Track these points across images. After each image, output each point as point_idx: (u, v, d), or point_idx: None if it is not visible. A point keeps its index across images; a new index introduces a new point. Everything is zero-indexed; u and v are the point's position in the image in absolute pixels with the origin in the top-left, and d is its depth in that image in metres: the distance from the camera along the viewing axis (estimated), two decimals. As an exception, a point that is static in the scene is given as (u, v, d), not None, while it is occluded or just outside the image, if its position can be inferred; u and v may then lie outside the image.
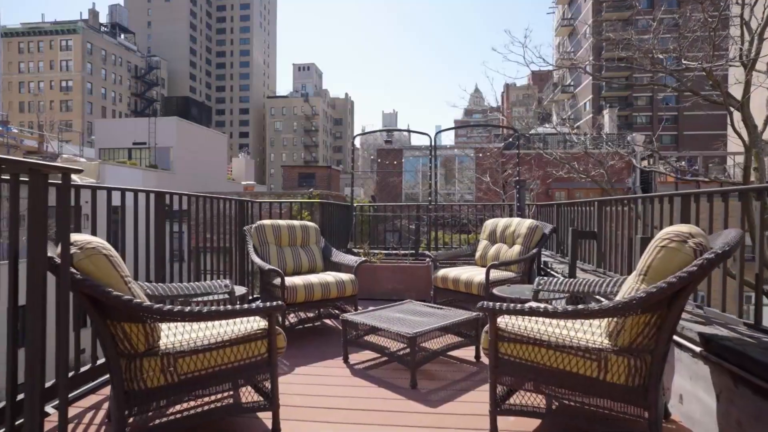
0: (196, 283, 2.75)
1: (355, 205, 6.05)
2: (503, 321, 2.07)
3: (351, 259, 4.11)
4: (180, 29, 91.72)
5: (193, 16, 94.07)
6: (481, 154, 17.53)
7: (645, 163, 24.17)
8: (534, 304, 2.36)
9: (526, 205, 5.97)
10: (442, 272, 4.22)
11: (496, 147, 23.19)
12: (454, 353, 3.23)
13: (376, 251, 6.44)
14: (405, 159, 23.76)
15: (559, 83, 73.91)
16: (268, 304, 2.06)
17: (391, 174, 24.08)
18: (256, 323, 2.13)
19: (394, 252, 6.31)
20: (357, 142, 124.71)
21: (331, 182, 28.95)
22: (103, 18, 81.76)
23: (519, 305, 1.93)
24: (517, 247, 4.25)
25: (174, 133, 28.78)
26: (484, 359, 3.18)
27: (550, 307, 1.86)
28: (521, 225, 4.31)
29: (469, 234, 11.14)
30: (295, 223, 4.35)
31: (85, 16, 76.61)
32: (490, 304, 2.00)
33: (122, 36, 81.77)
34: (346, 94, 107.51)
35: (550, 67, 12.49)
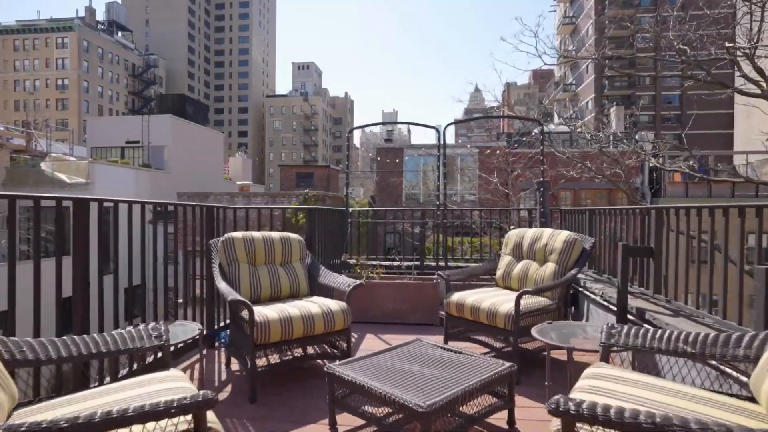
0: (116, 332, 1.90)
1: (351, 210, 5.20)
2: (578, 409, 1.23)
3: (343, 282, 3.25)
4: (178, 28, 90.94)
5: (191, 15, 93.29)
6: (489, 151, 16.60)
7: (654, 162, 23.29)
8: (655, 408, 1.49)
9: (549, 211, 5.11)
10: (457, 297, 3.37)
11: (501, 145, 22.33)
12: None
13: (374, 262, 5.59)
14: (405, 158, 22.93)
15: (561, 82, 73.25)
16: (188, 398, 1.21)
17: (391, 174, 23.25)
18: (172, 426, 1.28)
19: (395, 264, 5.47)
20: (356, 141, 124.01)
21: (329, 182, 28.11)
22: (100, 16, 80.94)
23: (625, 410, 1.08)
24: (550, 266, 3.39)
25: (168, 132, 27.94)
26: (522, 427, 2.33)
27: (711, 423, 1.01)
28: (555, 238, 3.46)
29: (478, 236, 10.28)
30: (274, 235, 3.50)
31: (82, 14, 75.84)
32: (563, 402, 1.16)
33: (119, 34, 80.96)
34: (346, 93, 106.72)
35: (563, 59, 11.64)
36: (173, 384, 1.58)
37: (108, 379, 2.30)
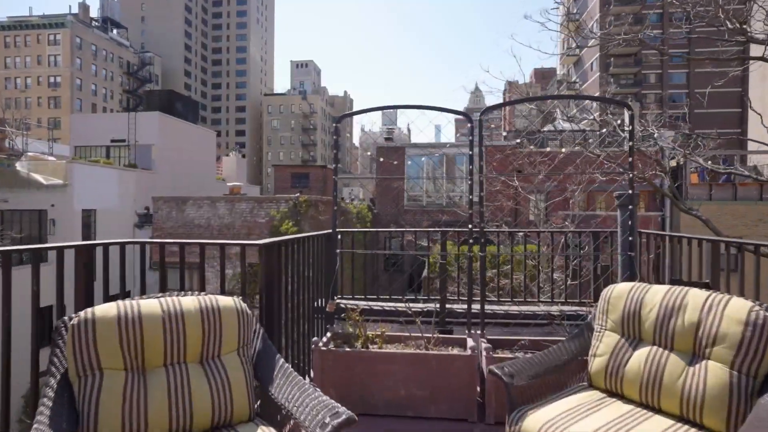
0: None
1: (341, 236, 3.57)
2: None
3: (312, 415, 1.60)
4: (175, 25, 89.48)
5: (188, 11, 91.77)
6: (508, 151, 14.94)
7: (673, 163, 21.70)
8: None
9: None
10: (535, 427, 1.73)
11: (517, 143, 20.72)
12: None
13: (373, 303, 3.97)
14: (407, 158, 21.32)
15: (564, 80, 71.82)
16: None
17: (392, 175, 21.67)
18: None
19: (402, 306, 3.83)
20: (355, 140, 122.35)
21: (326, 183, 26.51)
22: (95, 12, 79.32)
23: None
24: (716, 370, 1.75)
25: (156, 130, 26.35)
26: None
27: None
28: (715, 313, 1.82)
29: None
30: (189, 304, 1.85)
31: (75, 10, 74.15)
32: None
33: (114, 31, 79.38)
34: (345, 92, 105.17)
35: (602, 39, 10.06)
36: None
37: None
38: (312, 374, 3.01)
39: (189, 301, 1.85)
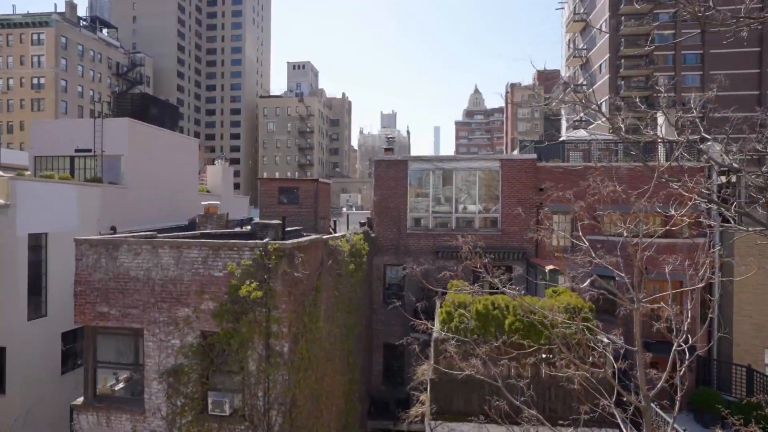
0: None
1: None
2: None
3: None
4: (167, 24, 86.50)
5: (181, 11, 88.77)
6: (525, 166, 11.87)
7: (723, 178, 18.48)
8: None
9: None
10: None
11: (526, 157, 17.64)
12: None
13: None
14: (409, 171, 18.24)
15: (570, 83, 68.63)
16: None
17: (392, 191, 18.56)
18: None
19: None
20: (354, 143, 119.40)
21: (318, 198, 23.32)
22: (83, 11, 76.39)
23: None
24: None
25: (125, 138, 23.18)
26: None
27: None
28: None
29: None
30: None
31: (61, 9, 71.05)
32: None
33: (104, 31, 76.28)
34: (343, 94, 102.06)
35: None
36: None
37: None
38: None
39: None
